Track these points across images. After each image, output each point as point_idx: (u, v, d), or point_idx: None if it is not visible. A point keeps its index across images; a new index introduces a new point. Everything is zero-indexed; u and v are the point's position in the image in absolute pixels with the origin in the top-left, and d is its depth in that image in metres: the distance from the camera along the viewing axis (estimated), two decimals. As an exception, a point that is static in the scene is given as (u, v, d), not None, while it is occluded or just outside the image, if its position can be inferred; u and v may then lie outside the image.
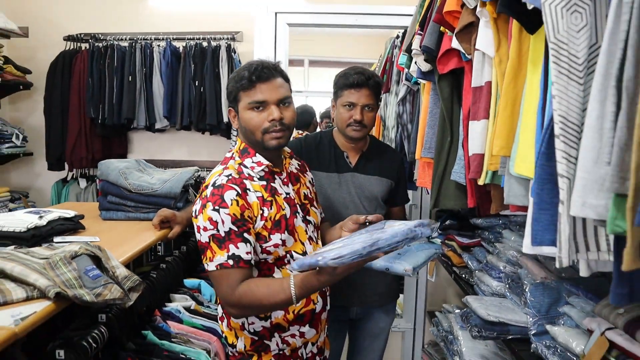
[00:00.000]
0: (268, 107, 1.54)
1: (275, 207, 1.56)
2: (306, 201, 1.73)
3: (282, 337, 1.63)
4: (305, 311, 1.63)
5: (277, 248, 1.55)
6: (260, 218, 1.52)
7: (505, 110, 1.18)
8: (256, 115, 1.55)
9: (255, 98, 1.54)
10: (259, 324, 1.60)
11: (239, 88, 1.56)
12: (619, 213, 0.72)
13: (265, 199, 1.55)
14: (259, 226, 1.52)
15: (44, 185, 3.75)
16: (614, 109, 0.72)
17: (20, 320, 0.98)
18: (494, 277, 2.04)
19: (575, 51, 0.81)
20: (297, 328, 1.64)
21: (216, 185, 1.50)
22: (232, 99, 1.60)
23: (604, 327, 1.24)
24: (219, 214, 1.45)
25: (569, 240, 0.85)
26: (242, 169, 1.58)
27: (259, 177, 1.59)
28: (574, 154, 0.81)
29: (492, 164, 1.30)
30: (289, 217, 1.60)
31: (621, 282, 0.80)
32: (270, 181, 1.61)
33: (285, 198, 1.62)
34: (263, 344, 1.62)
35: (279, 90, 1.56)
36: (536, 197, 0.91)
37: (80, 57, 3.43)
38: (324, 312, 1.73)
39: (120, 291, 1.21)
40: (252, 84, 1.53)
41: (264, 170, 1.60)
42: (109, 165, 2.02)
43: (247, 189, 1.53)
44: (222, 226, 1.45)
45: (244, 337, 1.63)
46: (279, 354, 1.64)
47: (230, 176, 1.53)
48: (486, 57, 1.39)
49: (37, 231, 1.51)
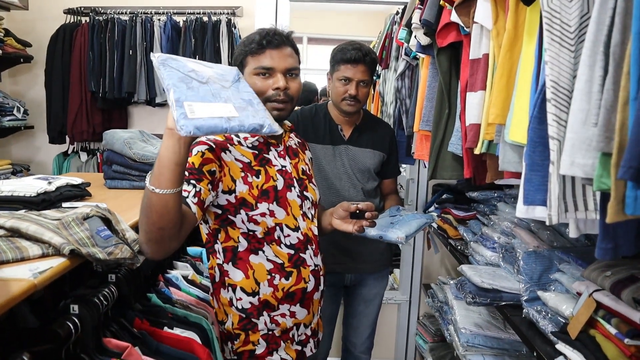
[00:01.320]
0: (274, 75, 1.50)
1: (264, 176, 1.53)
2: (304, 177, 1.69)
3: (271, 317, 1.57)
4: (296, 289, 1.57)
5: (264, 217, 1.50)
6: (243, 183, 1.49)
7: (501, 79, 1.23)
8: (261, 81, 1.51)
9: (262, 63, 1.50)
10: (247, 300, 1.55)
11: (247, 52, 1.52)
12: (604, 171, 0.77)
13: (251, 166, 1.52)
14: (243, 190, 1.48)
15: (45, 158, 3.78)
16: (601, 73, 0.77)
17: (38, 273, 1.03)
18: (488, 247, 2.10)
19: (567, 20, 0.86)
20: (287, 307, 1.58)
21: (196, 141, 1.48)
22: (239, 63, 1.55)
23: (592, 289, 1.31)
24: None
25: (559, 199, 0.90)
26: (232, 136, 1.56)
27: (251, 147, 1.56)
28: (564, 117, 0.86)
29: (487, 134, 1.35)
30: (281, 189, 1.56)
31: (606, 238, 0.86)
32: (263, 152, 1.58)
33: (279, 170, 1.58)
34: (250, 322, 1.57)
35: (288, 60, 1.52)
36: (528, 159, 0.97)
37: (80, 31, 3.43)
38: (317, 292, 1.65)
39: (130, 251, 1.26)
40: (262, 48, 1.50)
41: (258, 140, 1.58)
42: (113, 135, 2.06)
43: (227, 150, 1.50)
44: None
45: (232, 314, 1.58)
46: (267, 334, 1.58)
47: (213, 137, 1.51)
48: (484, 30, 1.43)
49: (47, 196, 1.56)
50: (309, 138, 2.20)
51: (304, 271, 1.59)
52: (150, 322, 1.42)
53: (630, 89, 0.70)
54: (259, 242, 1.53)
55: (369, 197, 2.27)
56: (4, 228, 1.18)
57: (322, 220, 1.79)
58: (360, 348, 2.56)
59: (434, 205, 2.86)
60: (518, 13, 1.19)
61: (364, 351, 2.57)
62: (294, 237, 1.57)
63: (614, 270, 1.27)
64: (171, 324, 1.44)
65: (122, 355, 1.20)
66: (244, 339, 1.58)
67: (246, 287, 1.54)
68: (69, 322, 1.13)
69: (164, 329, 1.41)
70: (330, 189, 2.23)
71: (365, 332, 2.53)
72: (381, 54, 3.00)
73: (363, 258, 2.36)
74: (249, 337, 1.58)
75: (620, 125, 0.71)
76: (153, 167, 1.20)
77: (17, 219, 1.21)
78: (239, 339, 1.58)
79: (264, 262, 1.53)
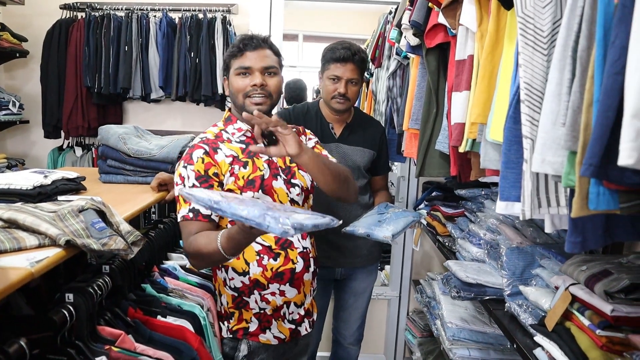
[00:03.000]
0: (253, 73, 1.67)
1: (252, 167, 1.67)
2: (292, 164, 1.78)
3: (261, 295, 1.70)
4: (284, 270, 1.70)
5: None
6: (230, 174, 1.64)
7: (483, 81, 1.27)
8: (241, 80, 1.68)
9: (242, 64, 1.68)
10: (238, 279, 1.69)
11: (230, 56, 1.71)
12: (571, 169, 0.82)
13: (239, 158, 1.67)
14: (229, 182, 1.63)
15: (40, 153, 3.81)
16: (570, 76, 0.82)
17: (35, 263, 1.08)
18: (474, 244, 2.15)
19: (540, 25, 0.90)
20: (276, 286, 1.70)
21: (190, 146, 1.68)
22: (225, 67, 1.75)
23: (568, 283, 1.36)
24: (186, 170, 1.61)
25: (532, 196, 0.95)
26: (222, 133, 1.73)
27: (239, 141, 1.71)
28: (536, 117, 0.91)
29: (471, 132, 1.40)
30: (267, 177, 1.68)
31: (575, 232, 0.91)
32: (251, 144, 1.69)
33: (266, 160, 1.71)
34: (242, 300, 1.71)
35: (265, 60, 1.69)
36: (504, 157, 1.02)
37: (76, 26, 3.45)
38: (307, 273, 1.76)
39: (123, 243, 1.30)
40: (241, 51, 1.68)
41: (245, 135, 1.73)
42: (108, 130, 2.10)
43: (218, 149, 1.66)
44: (187, 181, 1.61)
45: (225, 294, 1.73)
46: (259, 312, 1.71)
47: (204, 138, 1.70)
48: (469, 32, 1.47)
49: (43, 189, 1.59)
50: None
51: (291, 253, 1.71)
52: (144, 311, 1.46)
53: (594, 92, 0.75)
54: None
55: (359, 194, 2.32)
56: (2, 219, 1.22)
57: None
58: (350, 340, 2.62)
59: (424, 203, 2.91)
60: (499, 17, 1.24)
61: (353, 342, 2.63)
62: None
63: (589, 265, 1.32)
64: (164, 313, 1.49)
65: (116, 342, 1.24)
66: (237, 316, 1.73)
67: (237, 267, 1.69)
68: (64, 310, 1.17)
69: (157, 318, 1.46)
70: (321, 185, 2.28)
71: (355, 325, 2.59)
72: (374, 52, 3.04)
73: (353, 252, 2.41)
74: (242, 315, 1.72)
75: (584, 125, 0.76)
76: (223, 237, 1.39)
77: (15, 211, 1.25)
78: (234, 317, 1.73)
79: (252, 244, 1.61)
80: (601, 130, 0.71)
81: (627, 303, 1.18)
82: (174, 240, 2.03)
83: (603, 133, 0.71)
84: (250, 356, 1.73)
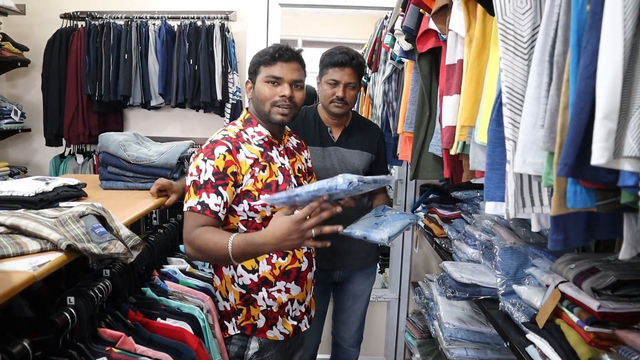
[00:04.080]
0: (282, 84, 1.74)
1: (269, 172, 1.73)
2: (299, 174, 1.89)
3: (268, 292, 1.76)
4: (291, 268, 1.79)
5: (265, 207, 1.70)
6: (251, 176, 1.68)
7: (471, 85, 1.31)
8: (270, 88, 1.73)
9: (273, 73, 1.73)
10: (247, 277, 1.75)
11: (260, 62, 1.75)
12: (551, 169, 0.86)
13: (259, 161, 1.72)
14: (249, 184, 1.68)
15: (41, 160, 3.85)
16: (548, 80, 0.85)
17: (37, 266, 1.11)
18: (470, 245, 2.18)
19: (520, 31, 0.94)
20: (283, 284, 1.78)
21: (212, 140, 1.70)
22: (252, 71, 1.79)
23: (558, 281, 1.39)
24: (205, 164, 1.63)
25: (515, 195, 0.99)
26: (241, 134, 1.77)
27: (257, 144, 1.76)
28: (518, 119, 0.94)
29: (461, 135, 1.43)
30: (281, 183, 1.75)
31: (557, 230, 0.94)
32: (267, 150, 1.77)
33: (280, 167, 1.78)
34: (251, 297, 1.76)
35: (295, 73, 1.76)
36: (488, 158, 1.05)
37: (77, 35, 3.50)
38: (310, 272, 1.87)
39: (123, 247, 1.34)
40: (274, 60, 1.73)
41: (264, 139, 1.78)
42: (108, 137, 2.14)
43: (240, 148, 1.70)
44: (203, 175, 1.62)
45: (233, 291, 1.78)
46: (266, 309, 1.78)
47: (226, 135, 1.73)
48: (459, 37, 1.51)
49: (44, 196, 1.63)
50: None
51: (298, 253, 1.81)
52: (144, 314, 1.50)
53: (570, 95, 0.79)
54: (256, 228, 1.71)
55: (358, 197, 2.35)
56: (5, 225, 1.26)
57: None
58: (349, 342, 2.64)
59: (421, 205, 2.94)
60: (485, 22, 1.27)
61: (353, 345, 2.66)
62: None
63: (577, 263, 1.35)
64: (164, 315, 1.52)
65: (117, 343, 1.28)
66: (245, 313, 1.78)
67: (247, 265, 1.75)
68: (65, 313, 1.20)
69: (156, 320, 1.49)
70: (319, 189, 2.31)
71: (354, 327, 2.62)
72: (371, 57, 3.07)
73: (351, 255, 2.44)
74: (250, 312, 1.77)
75: (561, 127, 0.80)
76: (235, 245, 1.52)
77: (17, 217, 1.29)
78: (242, 314, 1.78)
79: None
80: (575, 132, 0.74)
81: (613, 299, 1.21)
82: (174, 244, 2.06)
83: (577, 134, 0.74)
84: (261, 353, 1.79)
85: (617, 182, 0.72)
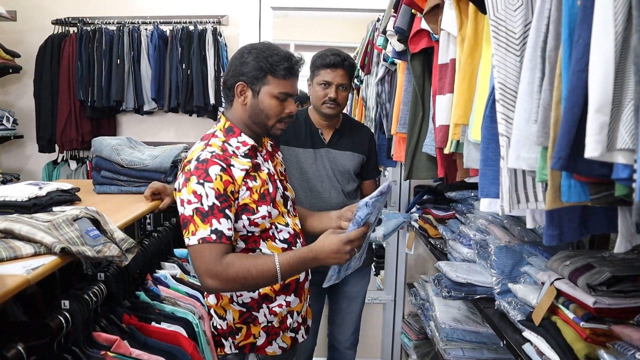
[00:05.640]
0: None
1: (260, 180, 1.63)
2: (282, 177, 1.81)
3: (269, 308, 1.68)
4: (291, 281, 1.70)
5: (264, 220, 1.61)
6: (246, 189, 1.57)
7: (464, 83, 1.31)
8: (279, 105, 1.62)
9: (287, 90, 1.62)
10: (247, 295, 1.66)
11: (271, 72, 1.59)
12: (544, 163, 0.86)
13: (249, 172, 1.60)
14: (245, 196, 1.57)
15: (34, 167, 3.83)
16: (540, 75, 0.86)
17: (31, 270, 1.10)
18: (465, 244, 2.19)
19: (512, 27, 0.94)
20: (283, 298, 1.70)
21: (200, 160, 1.53)
22: (255, 77, 1.60)
23: (553, 278, 1.39)
24: (203, 188, 1.49)
25: (510, 191, 0.99)
26: (226, 147, 1.61)
27: (244, 155, 1.63)
28: (511, 115, 0.95)
29: (455, 134, 1.44)
30: (272, 191, 1.67)
31: (552, 225, 0.94)
32: (254, 158, 1.65)
33: (267, 173, 1.68)
34: (251, 315, 1.67)
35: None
36: (482, 155, 1.05)
37: (68, 41, 3.49)
38: (307, 281, 1.81)
39: (118, 250, 1.33)
40: (290, 75, 1.62)
41: (249, 149, 1.65)
42: (102, 141, 2.13)
43: (232, 165, 1.56)
44: (206, 200, 1.49)
45: (231, 310, 1.68)
46: (267, 326, 1.70)
47: (214, 152, 1.56)
48: (451, 37, 1.51)
49: (38, 200, 1.62)
50: (290, 142, 2.29)
51: None
52: (139, 318, 1.49)
53: (562, 89, 0.79)
54: (255, 242, 1.64)
55: (349, 199, 2.35)
56: (-2, 229, 1.25)
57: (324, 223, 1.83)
58: (345, 344, 2.64)
59: (416, 206, 2.95)
60: (477, 21, 1.28)
61: (349, 347, 2.65)
62: (285, 232, 1.69)
63: (572, 260, 1.36)
64: (158, 319, 1.52)
65: (112, 347, 1.27)
66: (245, 332, 1.69)
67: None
68: (60, 316, 1.20)
69: (151, 324, 1.48)
70: (312, 191, 2.31)
71: (350, 329, 2.61)
72: (363, 59, 3.08)
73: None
74: (250, 331, 1.69)
75: (554, 121, 0.80)
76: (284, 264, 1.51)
77: (10, 221, 1.28)
78: (241, 333, 1.69)
79: None
80: (568, 125, 0.74)
81: (609, 295, 1.21)
82: (168, 248, 2.05)
83: (570, 127, 0.74)
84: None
85: (610, 175, 0.72)
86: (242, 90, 1.63)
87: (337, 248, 1.48)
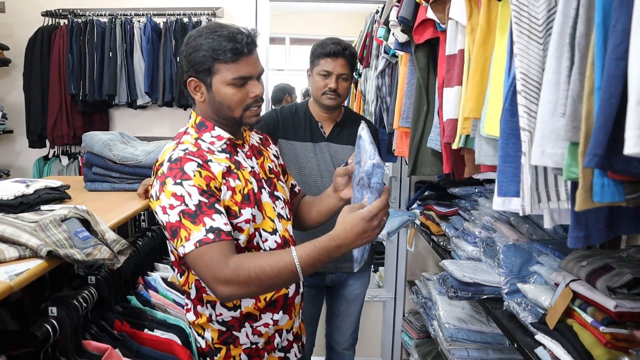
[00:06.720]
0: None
1: (243, 180, 1.44)
2: (272, 175, 1.60)
3: (253, 328, 1.50)
4: (278, 297, 1.51)
5: (248, 224, 1.42)
6: (227, 188, 1.40)
7: (475, 74, 1.24)
8: (238, 91, 1.41)
9: (240, 73, 1.39)
10: (228, 314, 1.48)
11: (215, 59, 1.39)
12: (573, 160, 0.79)
13: (231, 169, 1.43)
14: (227, 197, 1.40)
15: (25, 163, 3.74)
16: (568, 64, 0.79)
17: (14, 276, 1.03)
18: (469, 242, 2.12)
19: (535, 13, 0.87)
20: (269, 316, 1.51)
21: (173, 159, 1.36)
22: (201, 70, 1.41)
23: (568, 279, 1.33)
24: (182, 187, 1.32)
25: (531, 190, 0.92)
26: (199, 143, 1.45)
27: (221, 150, 1.46)
28: (534, 108, 0.87)
29: (464, 128, 1.37)
30: (257, 191, 1.48)
31: (577, 227, 0.88)
32: (233, 154, 1.48)
33: (250, 172, 1.49)
34: (232, 335, 1.49)
35: (258, 64, 1.45)
36: (501, 151, 0.98)
37: (59, 33, 3.40)
38: (297, 295, 1.60)
39: (109, 252, 1.25)
40: (240, 55, 1.38)
41: (226, 143, 1.47)
42: (93, 137, 2.05)
43: (209, 161, 1.40)
44: (189, 199, 1.31)
45: (210, 329, 1.50)
46: (250, 348, 1.51)
47: (187, 150, 1.39)
48: (459, 26, 1.44)
49: (25, 199, 1.54)
50: (290, 136, 2.21)
51: None
52: (131, 324, 1.41)
53: (595, 79, 0.72)
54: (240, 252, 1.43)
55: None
56: (-20, 231, 1.17)
57: (324, 204, 1.67)
58: (344, 345, 2.57)
59: (417, 202, 2.88)
60: (490, 9, 1.21)
61: (348, 347, 2.59)
62: (271, 241, 1.50)
63: (589, 260, 1.29)
64: (151, 326, 1.44)
65: (102, 357, 1.19)
66: (224, 353, 1.50)
67: (227, 303, 1.47)
68: (47, 325, 1.12)
69: (144, 331, 1.41)
70: (311, 185, 2.23)
71: (349, 331, 2.54)
72: (362, 52, 3.01)
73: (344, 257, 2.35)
74: (230, 352, 1.50)
75: (586, 114, 0.73)
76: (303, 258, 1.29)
77: (-6, 222, 1.20)
78: (220, 354, 1.50)
79: None
80: (604, 119, 0.67)
81: (630, 298, 1.15)
82: (162, 248, 1.98)
83: (607, 121, 0.67)
84: None
85: (651, 173, 0.65)
86: (195, 86, 1.45)
87: (362, 229, 1.29)
